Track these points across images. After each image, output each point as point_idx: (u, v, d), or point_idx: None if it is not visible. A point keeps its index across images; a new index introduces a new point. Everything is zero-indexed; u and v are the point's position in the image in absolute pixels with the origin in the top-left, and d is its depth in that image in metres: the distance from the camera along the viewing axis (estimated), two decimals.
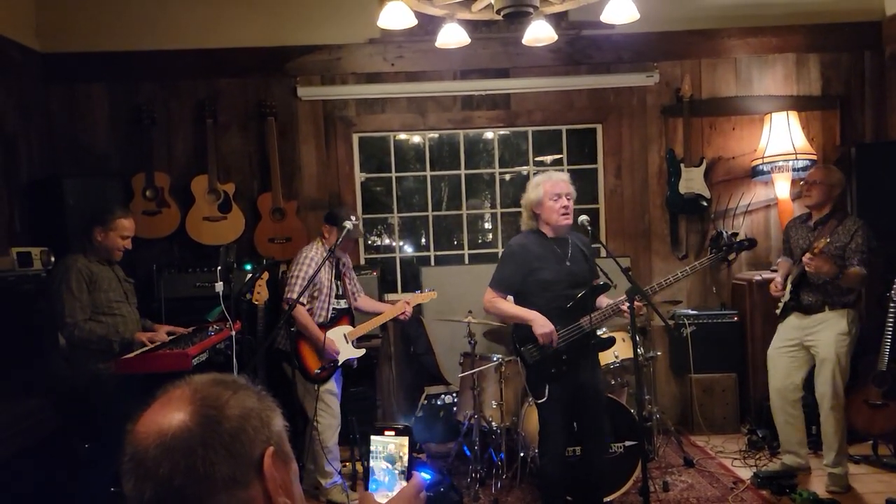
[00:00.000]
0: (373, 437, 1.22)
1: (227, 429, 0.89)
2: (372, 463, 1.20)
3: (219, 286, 3.29)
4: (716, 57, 5.24)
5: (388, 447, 1.20)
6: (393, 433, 1.21)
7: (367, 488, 1.20)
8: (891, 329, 4.08)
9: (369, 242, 5.62)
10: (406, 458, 1.19)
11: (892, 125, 5.13)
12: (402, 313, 4.12)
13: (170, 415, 0.89)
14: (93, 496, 3.59)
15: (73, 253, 3.45)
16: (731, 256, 3.53)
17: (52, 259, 3.87)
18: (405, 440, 1.20)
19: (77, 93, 4.99)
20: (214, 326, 3.78)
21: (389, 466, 1.19)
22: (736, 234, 4.84)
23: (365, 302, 4.33)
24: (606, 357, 4.02)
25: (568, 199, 3.29)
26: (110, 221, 3.46)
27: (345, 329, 4.05)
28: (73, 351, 3.38)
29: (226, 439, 0.88)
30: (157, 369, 3.11)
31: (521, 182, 5.58)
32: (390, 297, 5.10)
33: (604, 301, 3.38)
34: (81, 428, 3.51)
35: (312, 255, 3.97)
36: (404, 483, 1.18)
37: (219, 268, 3.34)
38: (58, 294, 3.29)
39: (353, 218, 3.91)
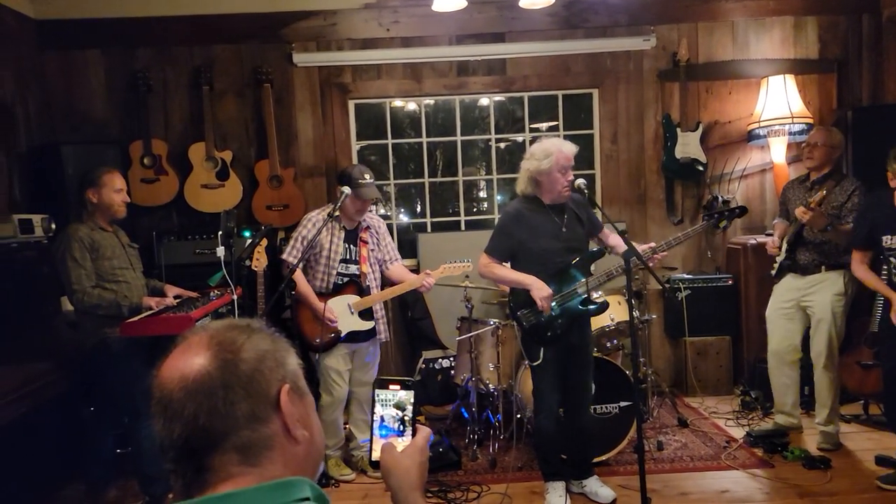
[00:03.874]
0: (378, 390, 1.26)
1: (244, 370, 0.95)
2: (382, 411, 1.25)
3: (220, 251, 3.31)
4: (713, 20, 5.22)
5: (397, 395, 1.25)
6: (398, 387, 1.26)
7: (374, 435, 1.25)
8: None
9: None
10: (412, 406, 1.24)
11: (889, 88, 5.13)
12: (422, 286, 3.83)
13: (190, 360, 0.95)
14: (98, 457, 3.68)
15: (73, 222, 3.46)
16: (723, 223, 3.55)
17: (53, 226, 3.89)
18: (411, 392, 1.25)
19: (73, 59, 4.97)
20: (216, 291, 3.82)
21: (399, 413, 1.24)
22: (728, 202, 4.89)
23: (396, 271, 4.03)
24: (602, 319, 4.08)
25: (570, 172, 3.32)
26: (98, 178, 3.45)
27: (350, 299, 3.80)
28: (81, 317, 3.42)
29: (243, 380, 0.94)
30: (161, 332, 3.16)
31: (516, 149, 5.59)
32: None
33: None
34: (87, 391, 3.58)
35: (311, 217, 3.85)
36: (411, 430, 1.23)
37: (220, 233, 3.36)
38: (62, 263, 3.31)
39: (367, 177, 3.74)
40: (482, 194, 5.83)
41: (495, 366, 4.19)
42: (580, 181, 3.29)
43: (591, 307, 3.36)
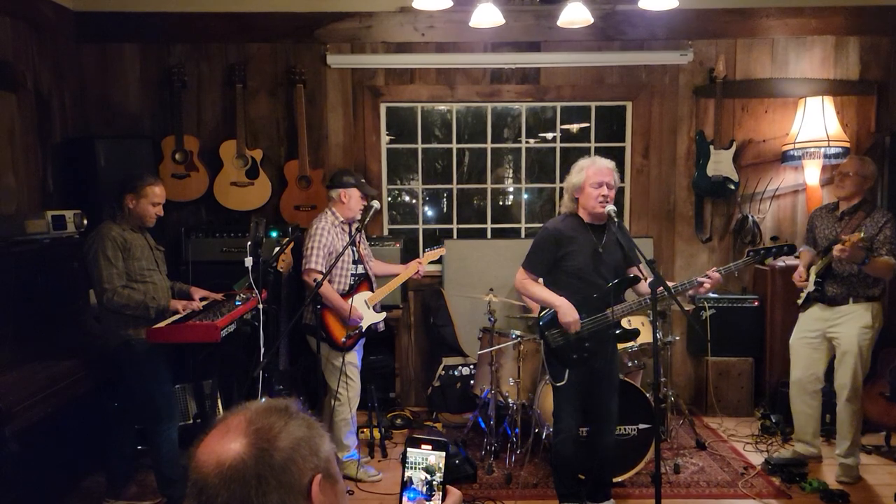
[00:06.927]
0: (409, 449, 1.27)
1: (278, 461, 0.96)
2: (410, 473, 1.26)
3: (248, 261, 3.33)
4: (752, 37, 5.13)
5: (427, 459, 1.25)
6: (430, 447, 1.26)
7: (402, 497, 1.25)
8: None
9: (393, 212, 5.63)
10: (443, 471, 1.25)
11: None
12: (417, 272, 4.16)
13: (227, 445, 0.97)
14: (120, 452, 3.74)
15: (106, 220, 3.49)
16: (768, 260, 3.49)
17: (85, 222, 3.94)
18: (442, 454, 1.25)
19: (109, 52, 5.01)
20: (241, 295, 3.86)
21: (428, 477, 1.24)
22: (775, 239, 4.78)
23: (378, 266, 4.30)
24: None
25: (609, 189, 3.28)
26: (140, 188, 3.48)
27: (365, 295, 4.04)
28: (105, 315, 3.45)
29: (277, 471, 0.96)
30: (187, 340, 3.19)
31: (546, 152, 5.55)
32: None
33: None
34: (110, 388, 3.63)
35: (323, 226, 3.93)
36: (440, 495, 1.23)
37: (249, 243, 3.38)
38: (94, 261, 3.34)
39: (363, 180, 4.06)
40: (510, 189, 5.84)
41: (515, 380, 4.19)
42: (610, 207, 3.26)
43: (618, 330, 3.35)
